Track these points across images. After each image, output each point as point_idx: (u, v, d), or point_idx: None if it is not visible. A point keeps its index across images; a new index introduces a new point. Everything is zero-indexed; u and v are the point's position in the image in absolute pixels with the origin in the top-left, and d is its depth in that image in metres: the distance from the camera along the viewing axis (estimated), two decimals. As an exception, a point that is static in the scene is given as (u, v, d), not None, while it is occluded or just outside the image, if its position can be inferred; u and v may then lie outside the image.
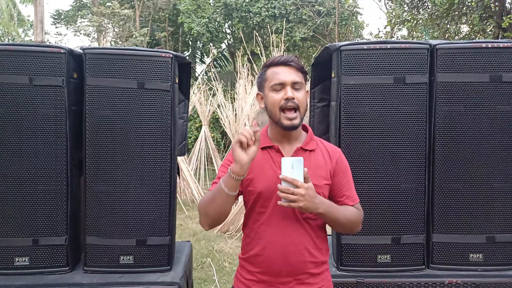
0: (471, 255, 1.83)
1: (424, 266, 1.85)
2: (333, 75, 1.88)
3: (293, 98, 1.32)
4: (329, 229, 1.87)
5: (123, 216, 1.82)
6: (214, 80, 7.08)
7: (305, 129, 1.46)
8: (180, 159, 5.60)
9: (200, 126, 7.84)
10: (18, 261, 1.80)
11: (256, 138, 1.19)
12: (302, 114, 1.35)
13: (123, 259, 1.83)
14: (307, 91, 1.47)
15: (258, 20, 11.85)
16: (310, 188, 1.23)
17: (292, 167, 1.21)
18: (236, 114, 6.46)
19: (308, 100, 1.46)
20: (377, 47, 1.78)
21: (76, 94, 1.85)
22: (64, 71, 1.78)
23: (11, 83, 1.76)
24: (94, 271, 1.83)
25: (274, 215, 1.33)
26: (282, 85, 1.33)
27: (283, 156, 1.35)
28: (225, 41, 14.03)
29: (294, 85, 1.33)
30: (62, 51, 1.78)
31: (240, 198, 1.48)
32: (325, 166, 1.39)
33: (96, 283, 1.75)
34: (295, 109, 1.33)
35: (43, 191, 1.80)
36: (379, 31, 11.36)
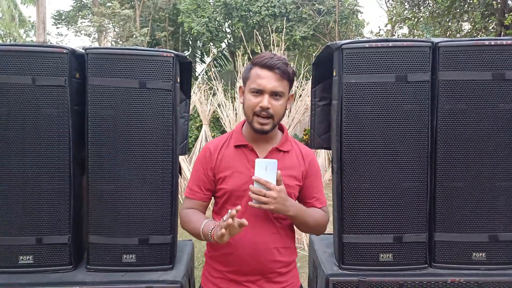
0: (474, 254, 1.83)
1: (426, 265, 1.85)
2: (334, 73, 1.88)
3: (268, 108, 1.30)
4: (329, 229, 1.87)
5: (125, 215, 1.82)
6: (215, 80, 7.09)
7: (281, 128, 1.46)
8: (181, 158, 5.59)
9: (201, 126, 7.85)
10: (22, 259, 1.81)
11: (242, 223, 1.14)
12: (276, 122, 1.34)
13: (125, 258, 1.83)
14: (292, 95, 1.45)
15: (258, 19, 11.85)
16: (282, 191, 1.23)
17: (265, 169, 1.20)
18: (236, 114, 6.46)
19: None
20: (379, 46, 1.78)
21: (78, 94, 1.85)
22: (67, 71, 1.78)
23: (14, 83, 1.76)
24: (97, 270, 1.84)
25: (245, 214, 1.30)
26: (260, 92, 1.31)
27: (257, 156, 1.35)
28: (225, 41, 14.03)
29: (273, 94, 1.31)
30: (64, 51, 1.78)
31: None
32: (298, 167, 1.40)
33: (99, 282, 1.76)
34: (269, 117, 1.32)
35: (46, 190, 1.80)
36: (380, 30, 11.35)
